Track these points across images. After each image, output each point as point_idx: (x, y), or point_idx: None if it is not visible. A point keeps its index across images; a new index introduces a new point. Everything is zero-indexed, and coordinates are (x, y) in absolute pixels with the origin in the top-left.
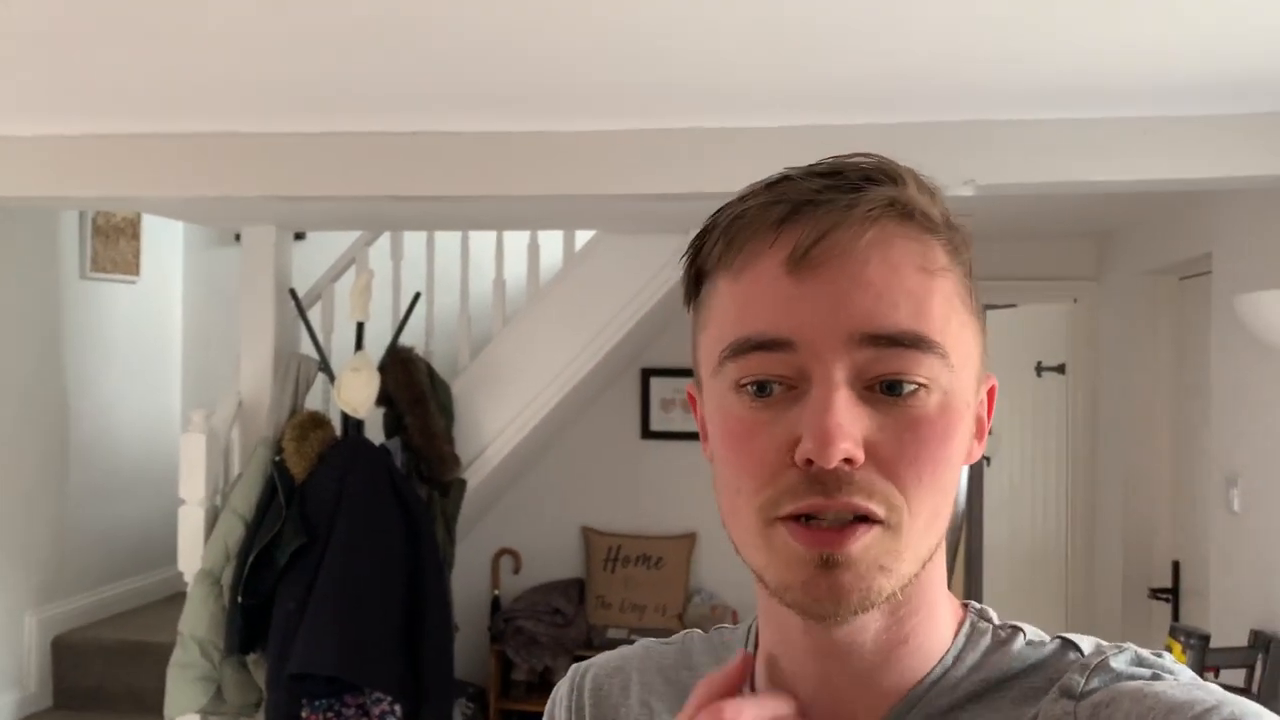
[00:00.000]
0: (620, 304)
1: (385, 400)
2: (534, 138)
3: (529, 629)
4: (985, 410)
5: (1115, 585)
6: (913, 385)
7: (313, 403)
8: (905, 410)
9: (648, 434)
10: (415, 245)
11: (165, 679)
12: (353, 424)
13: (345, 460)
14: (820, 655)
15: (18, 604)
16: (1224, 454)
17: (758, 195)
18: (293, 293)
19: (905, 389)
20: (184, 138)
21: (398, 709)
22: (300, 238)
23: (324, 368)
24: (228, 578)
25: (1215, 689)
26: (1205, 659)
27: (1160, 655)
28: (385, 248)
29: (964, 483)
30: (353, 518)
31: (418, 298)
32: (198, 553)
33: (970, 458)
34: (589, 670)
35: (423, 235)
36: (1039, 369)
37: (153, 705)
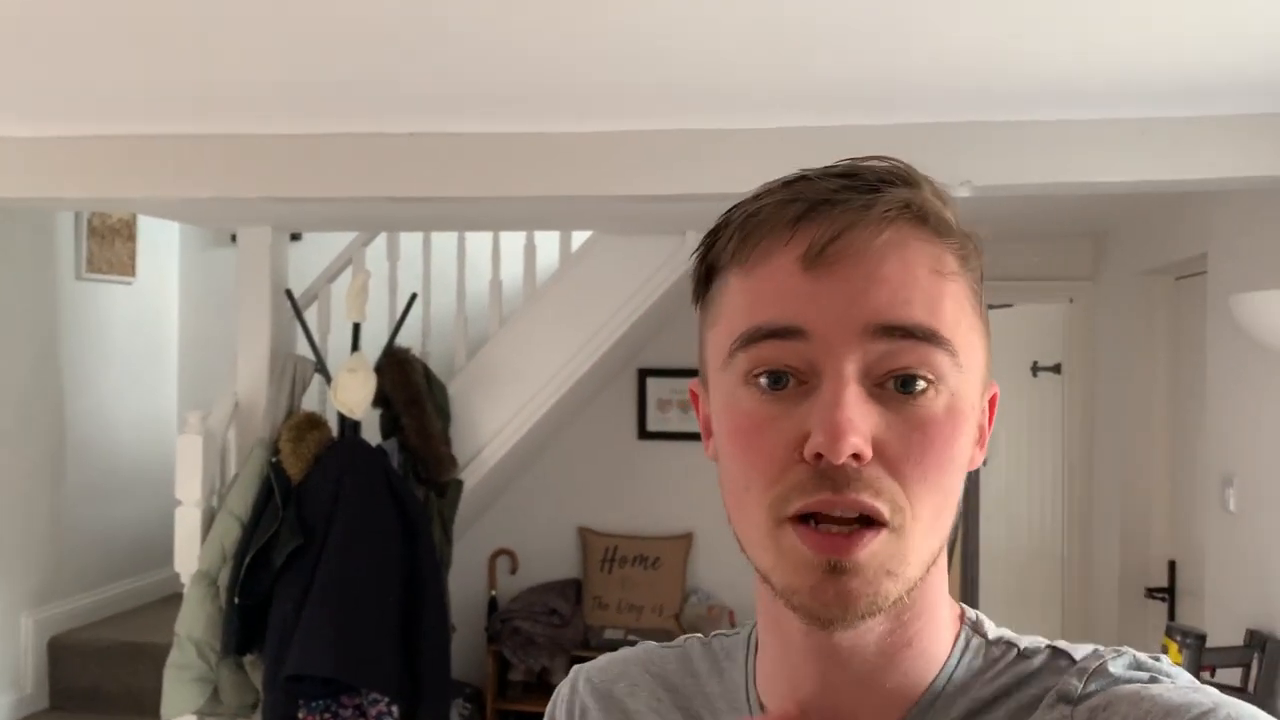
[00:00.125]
0: (617, 304)
1: (382, 401)
2: (532, 139)
3: (526, 629)
4: (987, 419)
5: (1111, 585)
6: (923, 383)
7: (309, 404)
8: (913, 410)
9: (644, 434)
10: (411, 246)
11: (162, 680)
12: (349, 425)
13: (342, 461)
14: (821, 658)
15: (14, 605)
16: (1220, 454)
17: (774, 193)
18: (289, 293)
19: (916, 386)
20: (180, 139)
21: (394, 710)
22: (296, 238)
23: (320, 369)
24: (224, 579)
25: (1212, 691)
26: (1201, 658)
27: (1158, 659)
28: (381, 248)
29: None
30: (349, 519)
31: (414, 298)
32: (194, 554)
33: (972, 464)
34: (591, 672)
35: (419, 236)
36: (1035, 369)
37: (149, 706)
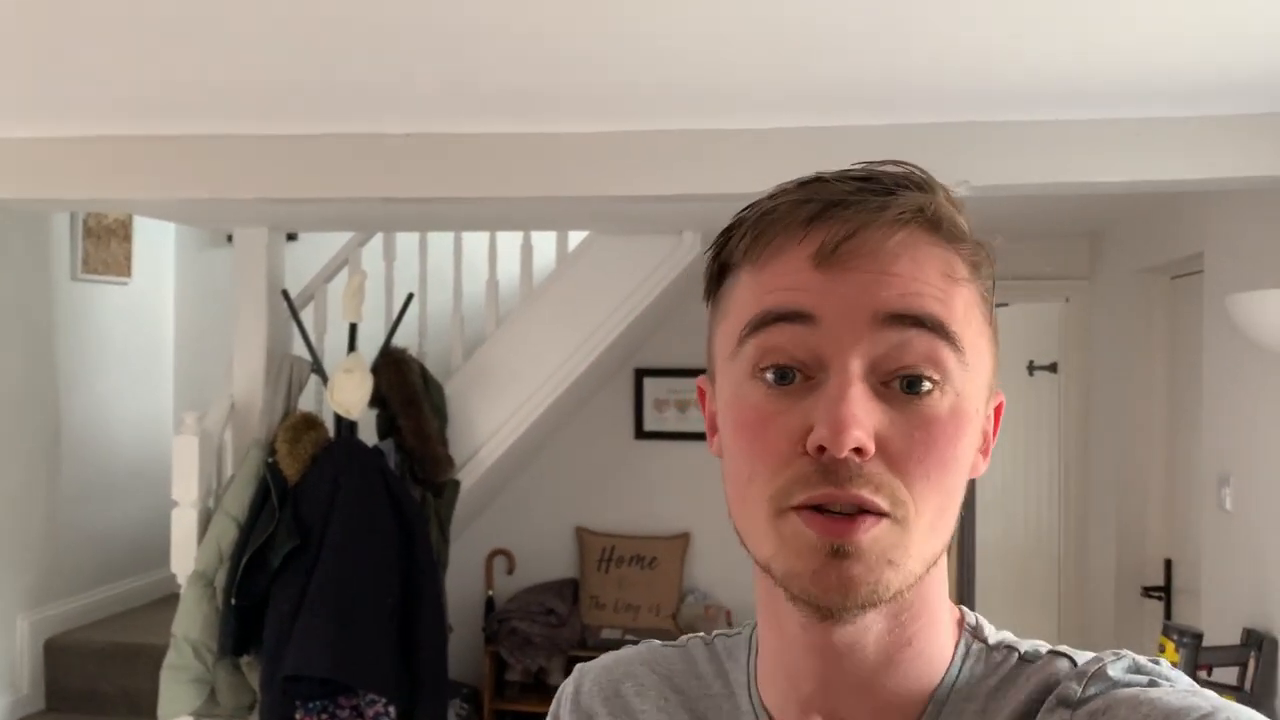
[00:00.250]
0: (614, 304)
1: (378, 401)
2: (530, 139)
3: (523, 629)
4: (992, 426)
5: (1108, 584)
6: (928, 384)
7: (306, 404)
8: (918, 409)
9: (641, 434)
10: (408, 246)
11: (158, 681)
12: (346, 425)
13: (338, 462)
14: (819, 656)
15: (10, 606)
16: (1216, 452)
17: (789, 193)
18: (285, 294)
19: (922, 387)
20: (176, 140)
21: (392, 710)
22: (292, 238)
23: (317, 369)
24: (221, 580)
25: (1211, 695)
26: (1198, 657)
27: (1157, 662)
28: (378, 248)
29: None
30: (346, 519)
31: (410, 298)
32: (191, 555)
33: (974, 471)
34: (596, 671)
35: (415, 236)
36: (1031, 368)
37: (146, 708)
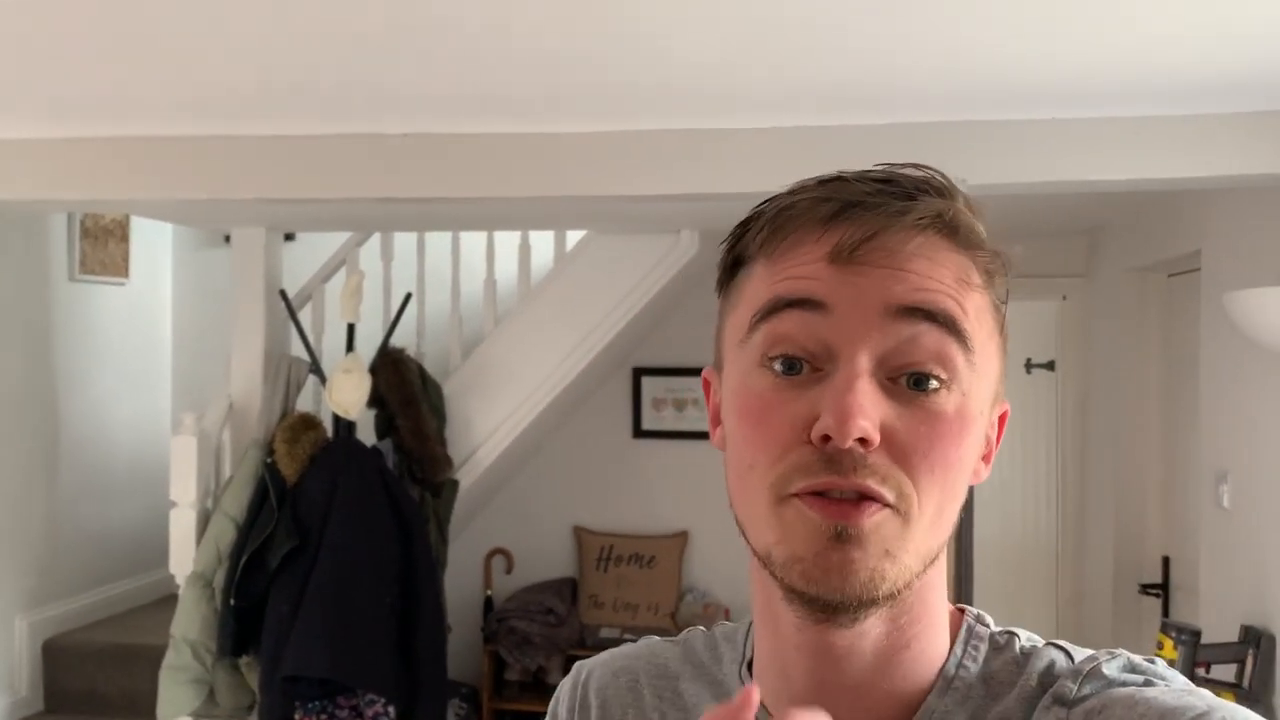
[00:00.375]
0: (612, 303)
1: (377, 401)
2: (529, 139)
3: (522, 629)
4: (996, 433)
5: (1106, 581)
6: (935, 383)
7: (304, 404)
8: (924, 405)
9: (639, 433)
10: (406, 246)
11: (157, 682)
12: (344, 425)
13: (337, 462)
14: (814, 656)
15: (8, 607)
16: (1214, 450)
17: (809, 190)
18: (283, 294)
19: (929, 385)
20: (173, 141)
21: (391, 710)
22: (290, 239)
23: (315, 369)
24: (220, 580)
25: (1207, 694)
26: (1196, 654)
27: (1153, 661)
28: (375, 248)
29: None
30: (345, 519)
31: (408, 298)
32: (189, 555)
33: (976, 477)
34: (594, 667)
35: (413, 235)
36: (1028, 366)
37: (145, 708)
